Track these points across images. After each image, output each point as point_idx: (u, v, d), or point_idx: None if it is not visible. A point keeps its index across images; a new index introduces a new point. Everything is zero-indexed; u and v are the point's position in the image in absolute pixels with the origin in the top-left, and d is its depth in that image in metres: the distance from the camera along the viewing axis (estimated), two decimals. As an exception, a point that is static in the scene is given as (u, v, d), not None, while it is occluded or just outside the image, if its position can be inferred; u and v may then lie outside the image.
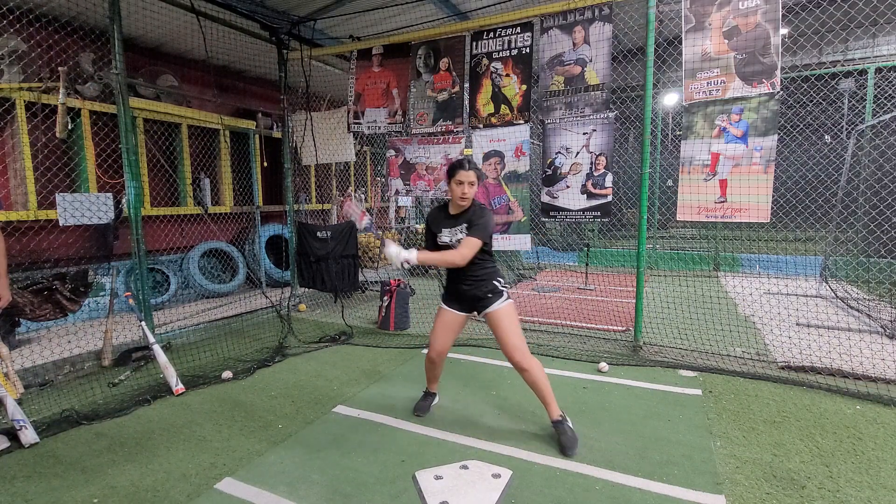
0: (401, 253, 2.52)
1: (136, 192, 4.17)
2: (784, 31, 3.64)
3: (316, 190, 8.00)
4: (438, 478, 2.34)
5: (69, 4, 4.34)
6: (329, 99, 6.72)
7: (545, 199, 4.42)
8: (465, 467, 2.43)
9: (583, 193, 4.25)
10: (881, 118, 6.00)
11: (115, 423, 2.97)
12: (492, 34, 4.52)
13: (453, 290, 2.82)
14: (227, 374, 3.69)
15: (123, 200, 4.36)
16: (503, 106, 4.51)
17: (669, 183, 9.15)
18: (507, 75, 4.47)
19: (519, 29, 4.41)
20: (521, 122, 4.45)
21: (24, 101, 4.59)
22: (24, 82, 4.68)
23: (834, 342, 4.04)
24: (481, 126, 4.61)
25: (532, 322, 5.09)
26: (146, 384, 3.56)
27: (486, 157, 4.62)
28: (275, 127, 7.23)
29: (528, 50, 4.39)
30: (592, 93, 4.12)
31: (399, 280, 5.18)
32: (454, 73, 4.73)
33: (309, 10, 5.51)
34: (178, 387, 3.40)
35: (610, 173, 4.16)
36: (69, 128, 4.74)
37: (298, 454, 2.59)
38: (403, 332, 4.96)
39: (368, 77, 5.20)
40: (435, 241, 2.77)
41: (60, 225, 4.21)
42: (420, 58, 4.89)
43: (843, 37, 8.09)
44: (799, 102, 6.44)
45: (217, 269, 6.66)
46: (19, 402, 2.74)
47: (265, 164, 6.88)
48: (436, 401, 3.17)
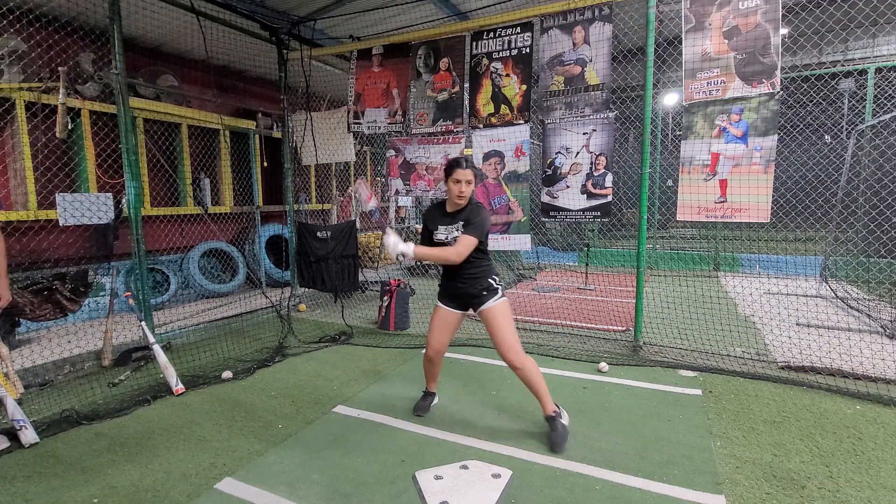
0: (398, 245, 2.53)
1: (136, 192, 4.17)
2: (784, 31, 3.64)
3: (316, 190, 8.00)
4: (438, 478, 2.34)
5: (69, 4, 4.34)
6: (329, 99, 6.72)
7: (545, 199, 4.42)
8: (465, 467, 2.43)
9: (583, 193, 4.25)
10: (881, 118, 6.00)
11: (115, 423, 2.97)
12: (492, 34, 4.52)
13: (449, 287, 2.83)
14: (227, 374, 3.69)
15: (123, 200, 4.36)
16: (503, 106, 4.51)
17: (669, 183, 9.15)
18: (507, 75, 4.47)
19: (519, 29, 4.41)
20: (521, 122, 4.45)
21: (24, 101, 4.59)
22: (24, 82, 4.68)
23: (834, 342, 4.04)
24: (481, 126, 4.61)
25: (532, 322, 5.09)
26: (146, 384, 3.56)
27: (486, 157, 4.62)
28: (275, 127, 7.23)
29: (528, 50, 4.39)
30: (592, 93, 4.12)
31: (399, 280, 5.18)
32: (454, 73, 4.73)
33: (309, 10, 5.51)
34: (178, 387, 3.40)
35: (610, 173, 4.16)
36: (69, 128, 4.74)
37: (298, 454, 2.60)
38: (403, 332, 4.96)
39: (368, 77, 5.20)
40: (431, 238, 2.79)
41: (60, 225, 4.21)
42: (420, 58, 4.89)
43: (843, 37, 8.09)
44: (799, 102, 6.44)
45: (217, 269, 6.66)
46: (19, 402, 2.74)
47: (265, 164, 6.88)
48: (435, 400, 3.17)
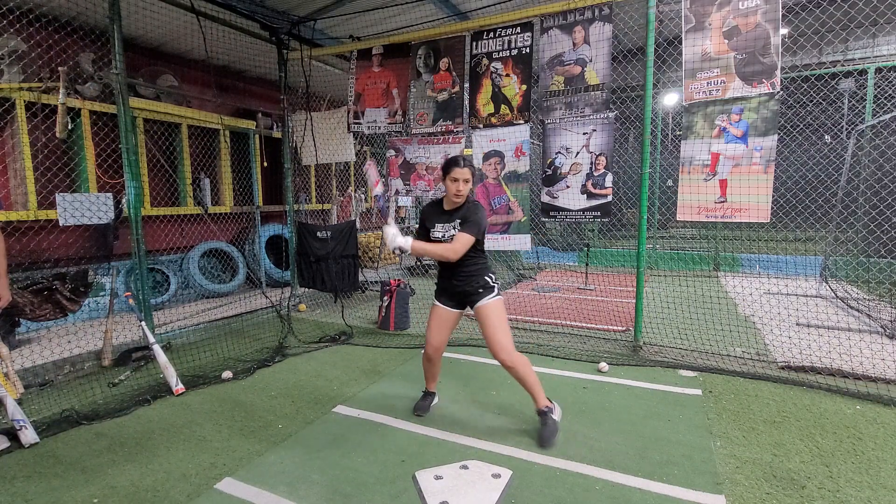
0: (397, 238, 2.55)
1: (136, 192, 4.17)
2: (784, 31, 3.64)
3: (316, 190, 8.00)
4: (438, 478, 2.34)
5: (69, 4, 4.34)
6: (329, 99, 6.72)
7: (545, 199, 4.42)
8: (465, 467, 2.43)
9: (583, 193, 4.25)
10: (881, 118, 6.00)
11: (115, 423, 2.97)
12: (492, 34, 4.52)
13: (445, 285, 2.84)
14: (227, 374, 3.69)
15: (123, 200, 4.36)
16: (503, 106, 4.51)
17: (669, 183, 9.15)
18: (507, 75, 4.47)
19: (519, 29, 4.41)
20: (521, 122, 4.45)
21: (24, 101, 4.59)
22: (24, 82, 4.68)
23: (834, 342, 4.03)
24: (481, 126, 4.61)
25: (532, 322, 5.09)
26: (146, 384, 3.56)
27: (486, 157, 4.62)
28: (275, 127, 7.23)
29: (528, 50, 4.39)
30: (592, 93, 4.12)
31: (399, 280, 5.18)
32: (454, 73, 4.73)
33: (309, 10, 5.51)
34: (178, 387, 3.40)
35: (610, 173, 4.16)
36: (69, 128, 4.74)
37: (298, 454, 2.59)
38: (403, 332, 4.96)
39: (368, 77, 5.20)
40: (428, 235, 2.80)
41: (60, 225, 4.21)
42: (420, 58, 4.89)
43: (843, 37, 8.09)
44: (799, 102, 6.44)
45: (217, 269, 6.66)
46: (19, 402, 2.74)
47: (265, 164, 6.88)
48: (435, 400, 3.17)
